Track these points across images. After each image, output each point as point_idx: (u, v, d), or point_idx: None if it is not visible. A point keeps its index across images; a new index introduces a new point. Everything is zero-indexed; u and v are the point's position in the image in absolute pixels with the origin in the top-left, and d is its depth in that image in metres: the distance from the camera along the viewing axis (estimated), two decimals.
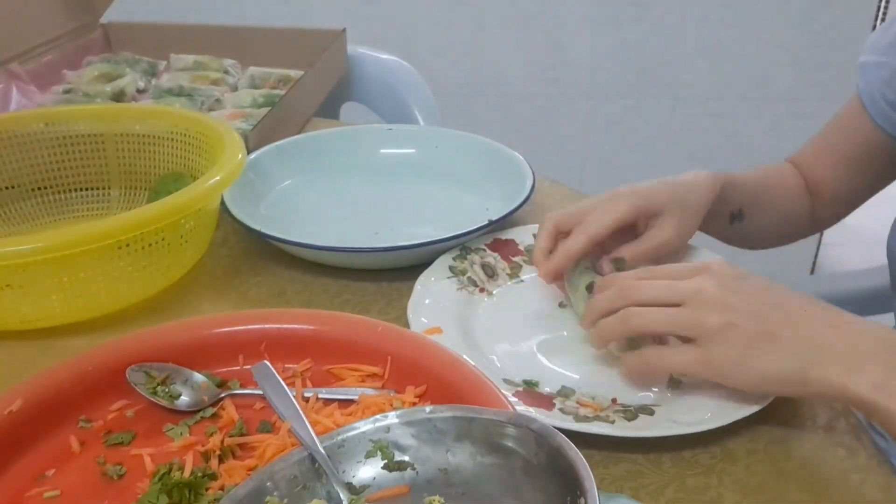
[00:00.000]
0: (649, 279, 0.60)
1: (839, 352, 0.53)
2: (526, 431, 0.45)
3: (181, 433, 0.56)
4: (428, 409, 0.49)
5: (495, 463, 0.46)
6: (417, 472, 0.48)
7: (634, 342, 0.61)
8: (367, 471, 0.48)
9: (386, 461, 0.48)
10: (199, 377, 0.60)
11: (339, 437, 0.49)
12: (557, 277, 0.71)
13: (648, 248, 0.71)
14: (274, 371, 0.57)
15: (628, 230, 0.73)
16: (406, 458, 0.48)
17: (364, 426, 0.49)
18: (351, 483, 0.48)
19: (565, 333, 0.68)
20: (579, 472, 0.40)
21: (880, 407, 0.51)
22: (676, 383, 0.61)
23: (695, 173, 0.76)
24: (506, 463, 0.46)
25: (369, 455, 0.48)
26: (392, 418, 0.49)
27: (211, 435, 0.55)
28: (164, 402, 0.58)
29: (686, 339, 0.57)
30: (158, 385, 0.58)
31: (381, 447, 0.48)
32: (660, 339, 0.61)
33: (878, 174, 0.88)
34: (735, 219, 0.82)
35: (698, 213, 0.74)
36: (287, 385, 0.59)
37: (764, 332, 0.54)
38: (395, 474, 0.48)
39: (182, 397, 0.58)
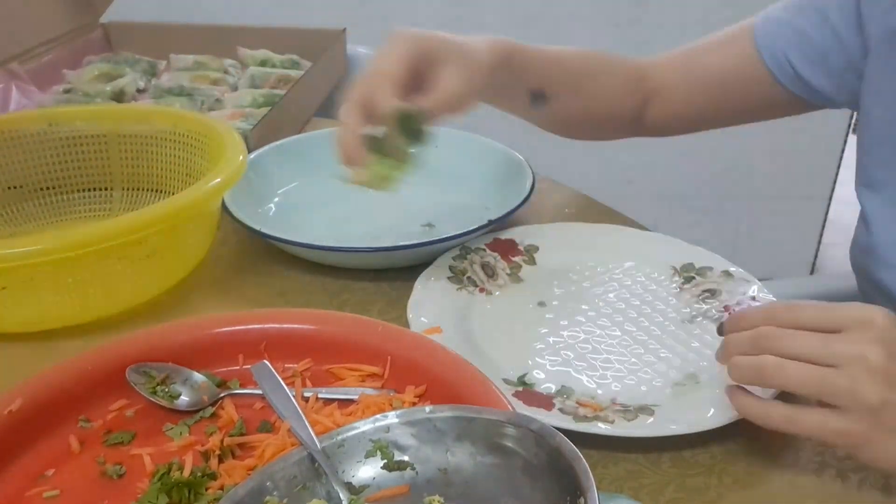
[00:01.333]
0: (797, 328, 0.51)
1: None
2: (525, 431, 0.45)
3: (181, 433, 0.56)
4: (428, 408, 0.49)
5: (495, 463, 0.46)
6: (417, 472, 0.48)
7: None
8: (367, 471, 0.48)
9: (386, 461, 0.48)
10: (198, 377, 0.60)
11: (339, 437, 0.49)
12: (358, 152, 0.66)
13: (442, 98, 0.66)
14: (273, 371, 0.57)
15: (416, 86, 0.67)
16: (406, 458, 0.48)
17: (364, 426, 0.49)
18: (350, 483, 0.48)
19: (565, 333, 0.68)
20: (579, 472, 0.41)
21: None
22: (694, 378, 0.61)
23: (484, 36, 0.72)
24: (505, 463, 0.46)
25: (369, 455, 0.48)
26: (392, 418, 0.49)
27: (211, 435, 0.55)
28: (164, 402, 0.58)
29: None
30: (158, 385, 0.58)
31: (380, 447, 0.48)
32: None
33: (744, 114, 0.85)
34: (537, 99, 0.77)
35: (482, 68, 0.69)
36: (287, 384, 0.59)
37: None
38: (395, 474, 0.48)
39: (182, 397, 0.58)
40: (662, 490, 0.53)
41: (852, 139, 2.28)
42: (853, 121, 2.27)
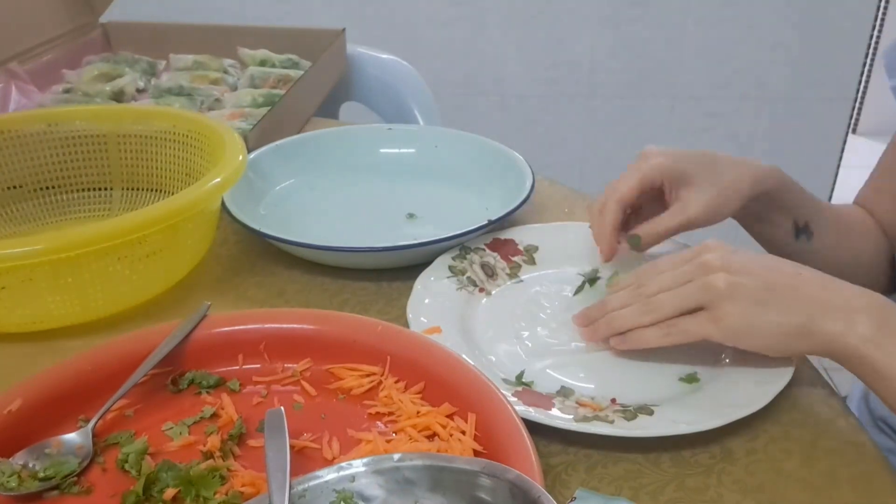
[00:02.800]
0: (655, 274, 0.62)
1: (836, 306, 0.56)
2: (500, 482, 0.43)
3: (180, 433, 0.56)
4: (396, 456, 0.46)
5: None
6: None
7: None
8: None
9: None
10: (67, 438, 0.55)
11: (301, 487, 0.46)
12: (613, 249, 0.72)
13: (670, 227, 0.70)
14: (285, 423, 0.52)
15: (658, 197, 0.72)
16: None
17: (328, 475, 0.47)
18: None
19: (565, 333, 0.68)
20: None
21: (867, 358, 0.54)
22: (694, 379, 0.61)
23: (746, 158, 0.72)
24: None
25: None
26: (358, 466, 0.46)
27: (210, 434, 0.55)
28: (32, 489, 0.52)
29: None
30: (10, 476, 0.52)
31: (344, 497, 0.46)
32: None
33: None
34: (801, 233, 0.76)
35: (735, 196, 0.70)
36: (289, 385, 0.59)
37: (767, 290, 0.57)
38: None
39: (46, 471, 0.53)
40: (662, 490, 0.53)
41: (852, 139, 2.28)
42: (853, 121, 2.27)
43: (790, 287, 0.57)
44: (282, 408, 0.53)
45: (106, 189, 0.88)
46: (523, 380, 0.62)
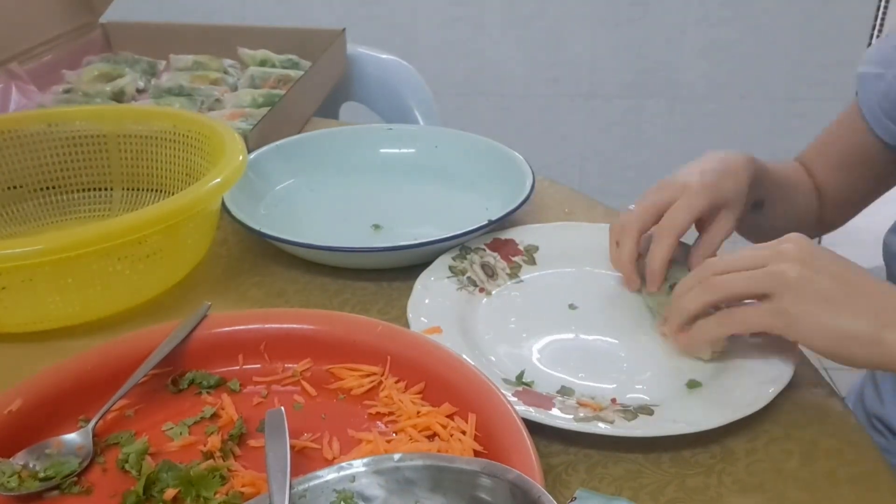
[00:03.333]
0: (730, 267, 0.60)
1: None
2: (500, 482, 0.42)
3: (181, 433, 0.56)
4: (396, 456, 0.46)
5: None
6: None
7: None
8: None
9: None
10: (68, 438, 0.55)
11: (301, 487, 0.46)
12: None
13: (715, 244, 0.72)
14: (285, 423, 0.52)
15: None
16: None
17: (328, 475, 0.46)
18: None
19: (565, 333, 0.68)
20: None
21: None
22: (695, 384, 0.61)
23: (731, 157, 0.74)
24: None
25: None
26: (358, 466, 0.46)
27: (210, 434, 0.55)
28: (33, 489, 0.52)
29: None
30: (10, 477, 0.52)
31: (345, 497, 0.46)
32: None
33: (876, 180, 0.88)
34: (755, 208, 0.80)
35: (745, 199, 0.74)
36: (290, 385, 0.59)
37: (841, 289, 0.55)
38: None
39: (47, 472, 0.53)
40: (662, 490, 0.53)
41: None
42: None
43: (864, 293, 0.56)
44: (282, 408, 0.53)
45: (106, 189, 0.88)
46: (523, 380, 0.62)
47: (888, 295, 0.56)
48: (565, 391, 0.61)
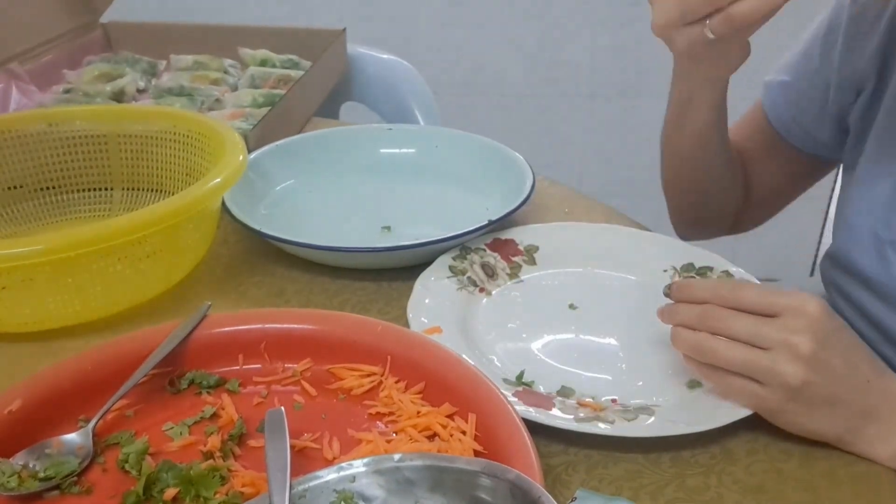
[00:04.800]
0: (736, 310, 0.56)
1: (881, 419, 0.55)
2: (500, 482, 0.42)
3: (181, 433, 0.56)
4: (397, 457, 0.46)
5: None
6: None
7: None
8: None
9: None
10: (68, 438, 0.55)
11: (301, 487, 0.46)
12: None
13: None
14: (285, 423, 0.52)
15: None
16: None
17: (328, 475, 0.46)
18: None
19: (565, 333, 0.68)
20: None
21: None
22: (695, 384, 0.61)
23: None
24: None
25: None
26: (358, 467, 0.46)
27: (210, 434, 0.55)
28: (33, 489, 0.52)
29: None
30: (10, 477, 0.52)
31: (345, 497, 0.46)
32: None
33: (787, 180, 0.92)
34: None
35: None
36: (290, 385, 0.59)
37: (830, 399, 0.54)
38: None
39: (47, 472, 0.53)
40: (662, 490, 0.53)
41: None
42: None
43: (856, 397, 0.55)
44: (282, 408, 0.53)
45: (106, 189, 0.88)
46: (523, 380, 0.62)
47: (872, 392, 0.55)
48: (565, 391, 0.61)
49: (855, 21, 0.75)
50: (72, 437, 0.55)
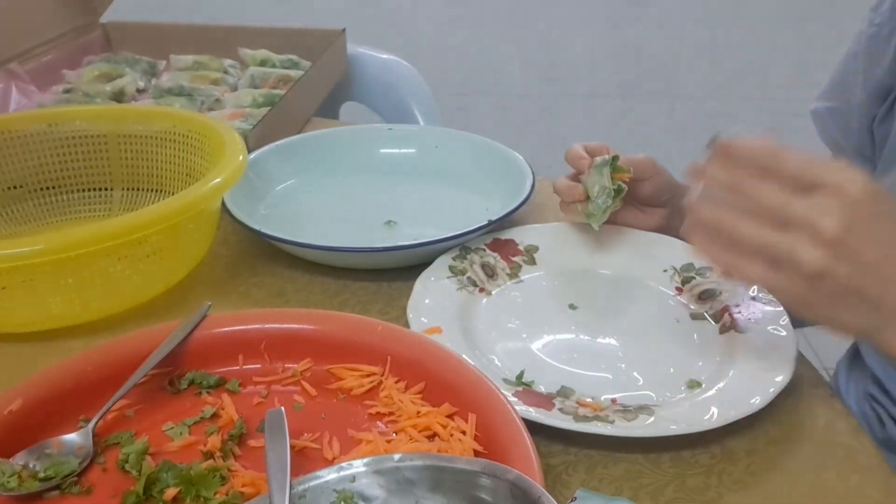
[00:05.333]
0: (771, 178, 0.50)
1: None
2: (500, 482, 0.42)
3: (181, 433, 0.56)
4: (397, 456, 0.46)
5: None
6: None
7: None
8: None
9: None
10: (68, 439, 0.55)
11: (301, 487, 0.46)
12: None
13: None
14: (285, 423, 0.52)
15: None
16: None
17: (328, 475, 0.46)
18: None
19: (565, 333, 0.68)
20: None
21: None
22: (695, 384, 0.61)
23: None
24: None
25: None
26: (358, 466, 0.46)
27: (210, 434, 0.55)
28: (33, 489, 0.52)
29: None
30: (10, 477, 0.52)
31: (345, 497, 0.46)
32: None
33: None
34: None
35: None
36: (290, 385, 0.59)
37: (856, 291, 0.49)
38: None
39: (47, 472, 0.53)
40: (662, 490, 0.53)
41: None
42: None
43: (886, 291, 0.50)
44: (282, 408, 0.53)
45: (106, 189, 0.88)
46: (523, 380, 0.62)
47: None
48: (565, 391, 0.61)
49: (874, 39, 0.77)
50: (72, 437, 0.55)
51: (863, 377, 0.84)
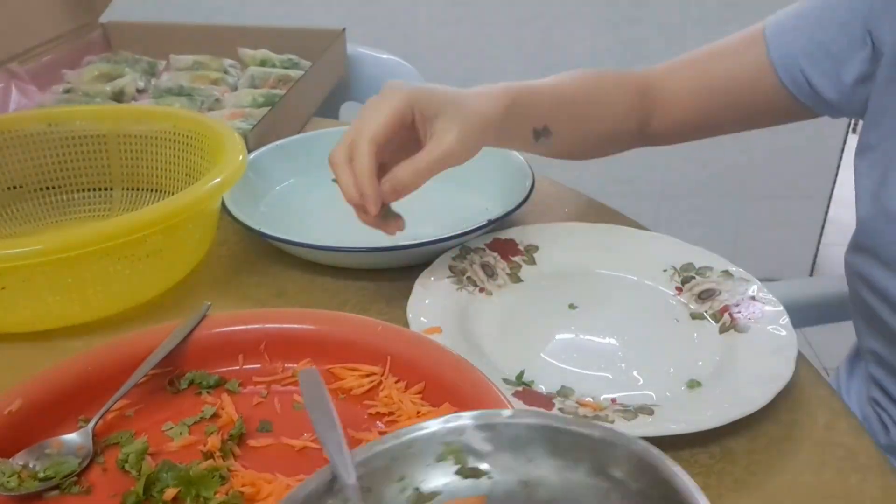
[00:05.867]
0: None
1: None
2: (624, 451, 0.40)
3: (181, 433, 0.56)
4: (507, 412, 0.44)
5: (586, 482, 0.41)
6: (495, 482, 0.42)
7: None
8: (438, 476, 0.43)
9: (459, 466, 0.43)
10: (67, 438, 0.55)
11: (407, 437, 0.43)
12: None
13: (431, 162, 0.65)
14: (321, 380, 0.51)
15: (410, 138, 0.67)
16: (482, 466, 0.43)
17: (435, 426, 0.43)
18: (419, 489, 0.43)
19: (565, 333, 0.68)
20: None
21: None
22: (695, 384, 0.61)
23: (483, 87, 0.70)
24: (597, 483, 0.40)
25: (440, 459, 0.43)
26: (466, 419, 0.43)
27: (210, 434, 0.55)
28: (32, 489, 0.52)
29: None
30: (10, 477, 0.52)
31: (453, 451, 0.43)
32: None
33: (748, 121, 0.85)
34: (540, 135, 0.76)
35: (484, 123, 0.68)
36: (289, 385, 0.59)
37: None
38: (470, 482, 0.43)
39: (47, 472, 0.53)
40: None
41: (852, 139, 2.28)
42: (852, 121, 2.27)
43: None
44: (314, 367, 0.52)
45: (106, 189, 0.88)
46: (523, 380, 0.62)
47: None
48: (565, 391, 0.61)
49: None
50: (72, 437, 0.55)
51: (864, 380, 0.83)
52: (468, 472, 0.43)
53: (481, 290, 0.73)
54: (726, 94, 0.82)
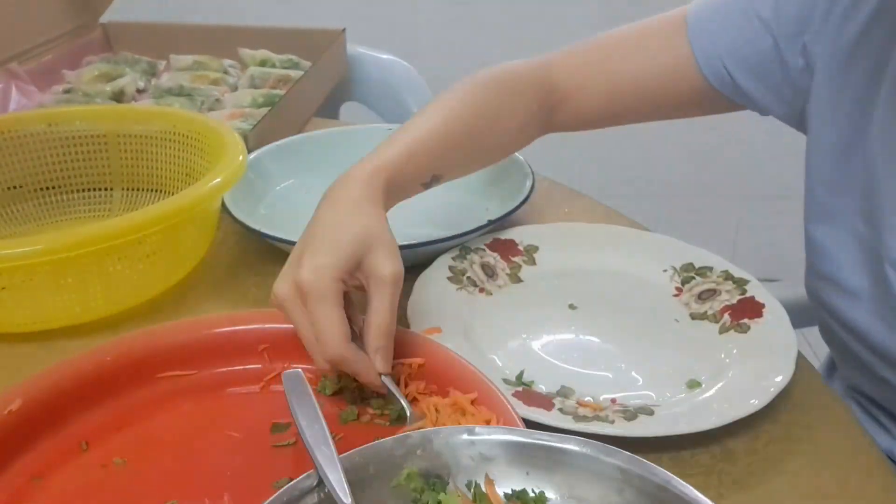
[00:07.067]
0: None
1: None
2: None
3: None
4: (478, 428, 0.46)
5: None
6: None
7: None
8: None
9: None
10: None
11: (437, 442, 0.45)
12: None
13: (388, 309, 0.58)
14: (305, 381, 0.52)
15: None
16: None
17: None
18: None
19: (565, 333, 0.68)
20: None
21: None
22: (695, 384, 0.61)
23: (348, 197, 0.65)
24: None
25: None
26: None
27: None
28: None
29: None
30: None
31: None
32: None
33: (671, 111, 0.79)
34: (430, 184, 0.72)
35: (384, 229, 0.64)
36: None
37: None
38: None
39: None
40: None
41: None
42: None
43: None
44: (299, 369, 0.53)
45: (106, 189, 0.88)
46: (523, 380, 0.62)
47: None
48: (565, 391, 0.61)
49: None
50: None
51: (840, 387, 0.83)
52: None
53: (481, 290, 0.73)
54: (645, 86, 0.77)
